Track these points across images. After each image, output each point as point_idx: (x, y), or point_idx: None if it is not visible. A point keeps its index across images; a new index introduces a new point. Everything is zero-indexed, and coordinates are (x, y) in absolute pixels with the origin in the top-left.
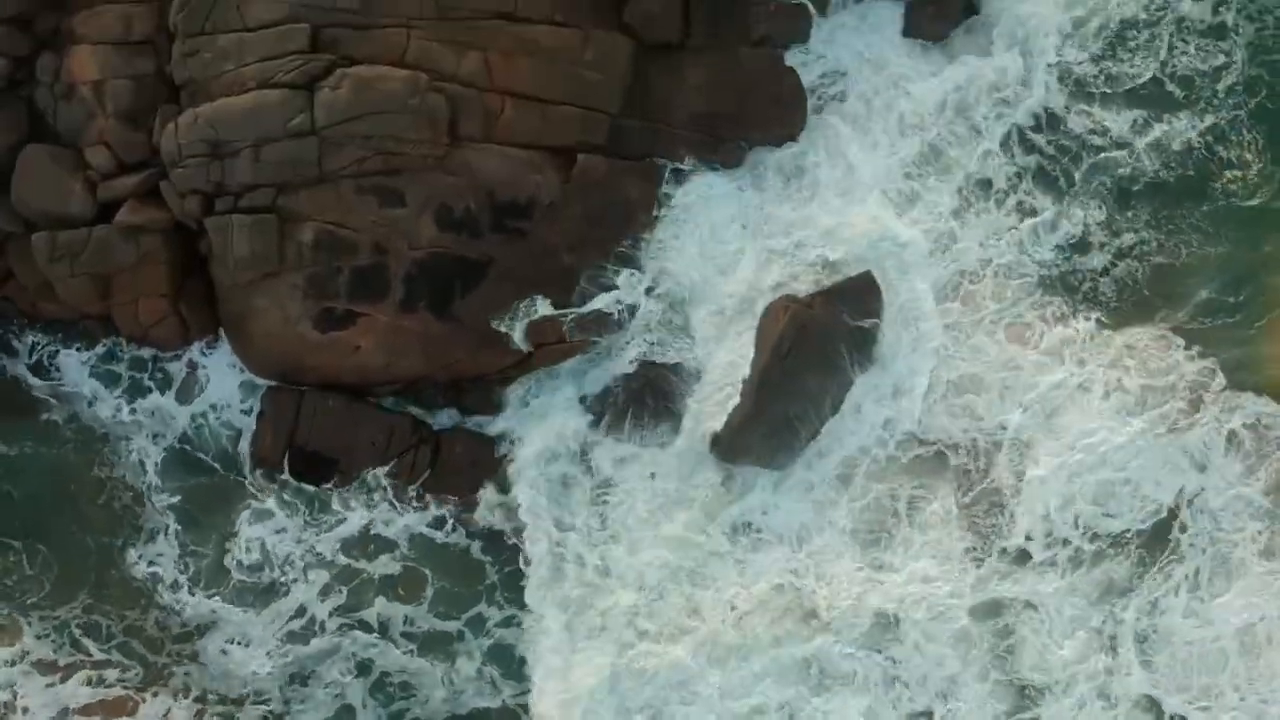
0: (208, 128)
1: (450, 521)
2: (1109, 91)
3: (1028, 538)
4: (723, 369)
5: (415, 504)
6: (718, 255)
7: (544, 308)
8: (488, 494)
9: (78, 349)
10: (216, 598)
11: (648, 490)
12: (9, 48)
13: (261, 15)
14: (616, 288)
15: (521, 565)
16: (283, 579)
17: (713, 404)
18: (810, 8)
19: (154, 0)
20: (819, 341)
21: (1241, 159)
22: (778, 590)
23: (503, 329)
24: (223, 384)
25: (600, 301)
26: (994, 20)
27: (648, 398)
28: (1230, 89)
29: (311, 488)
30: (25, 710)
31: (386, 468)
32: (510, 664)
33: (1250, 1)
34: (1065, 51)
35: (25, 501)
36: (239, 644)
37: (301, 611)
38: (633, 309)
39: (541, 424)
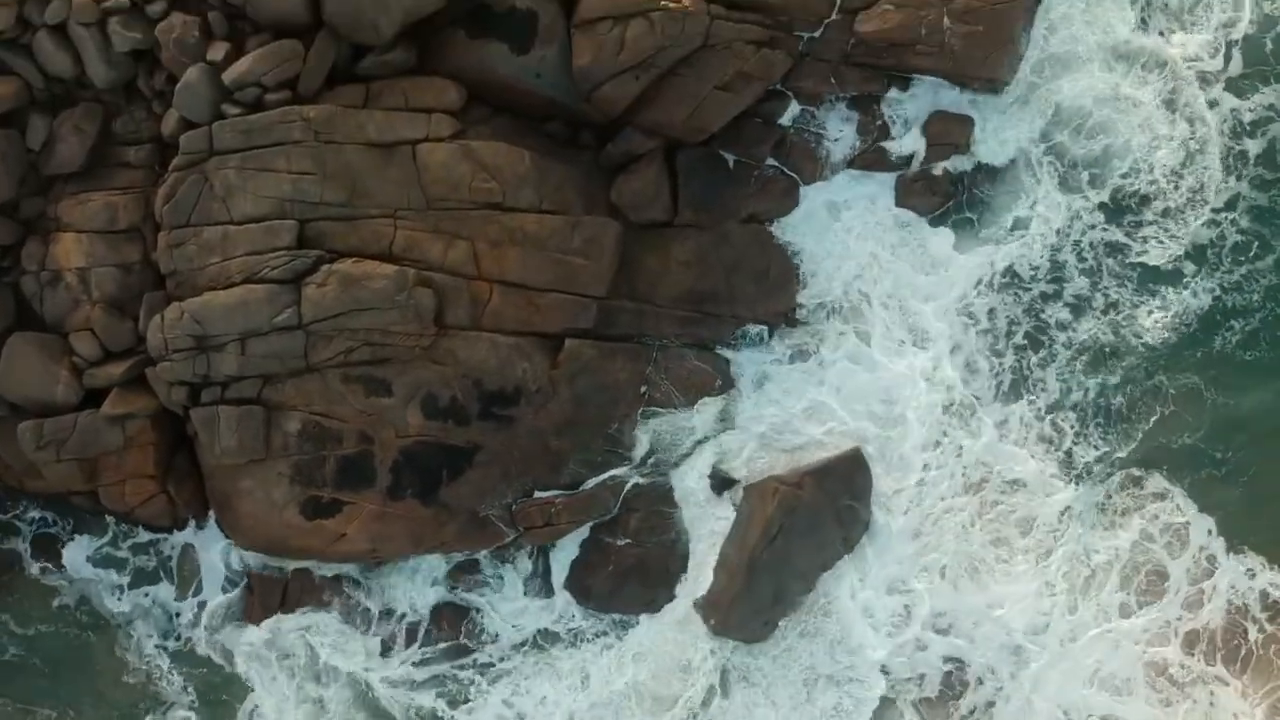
0: (193, 322)
1: None
2: (1108, 261)
3: None
4: (706, 545)
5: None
6: (704, 432)
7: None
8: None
9: (86, 536)
10: None
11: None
12: None
13: (247, 210)
14: (604, 470)
15: None
16: None
17: (698, 580)
18: (798, 180)
19: (139, 188)
20: (808, 523)
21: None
22: None
23: (490, 513)
24: (217, 564)
25: (588, 484)
26: (986, 195)
27: (634, 574)
28: (1224, 253)
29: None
30: None
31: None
32: None
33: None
34: (1055, 222)
35: (54, 674)
36: None
37: None
38: (619, 487)
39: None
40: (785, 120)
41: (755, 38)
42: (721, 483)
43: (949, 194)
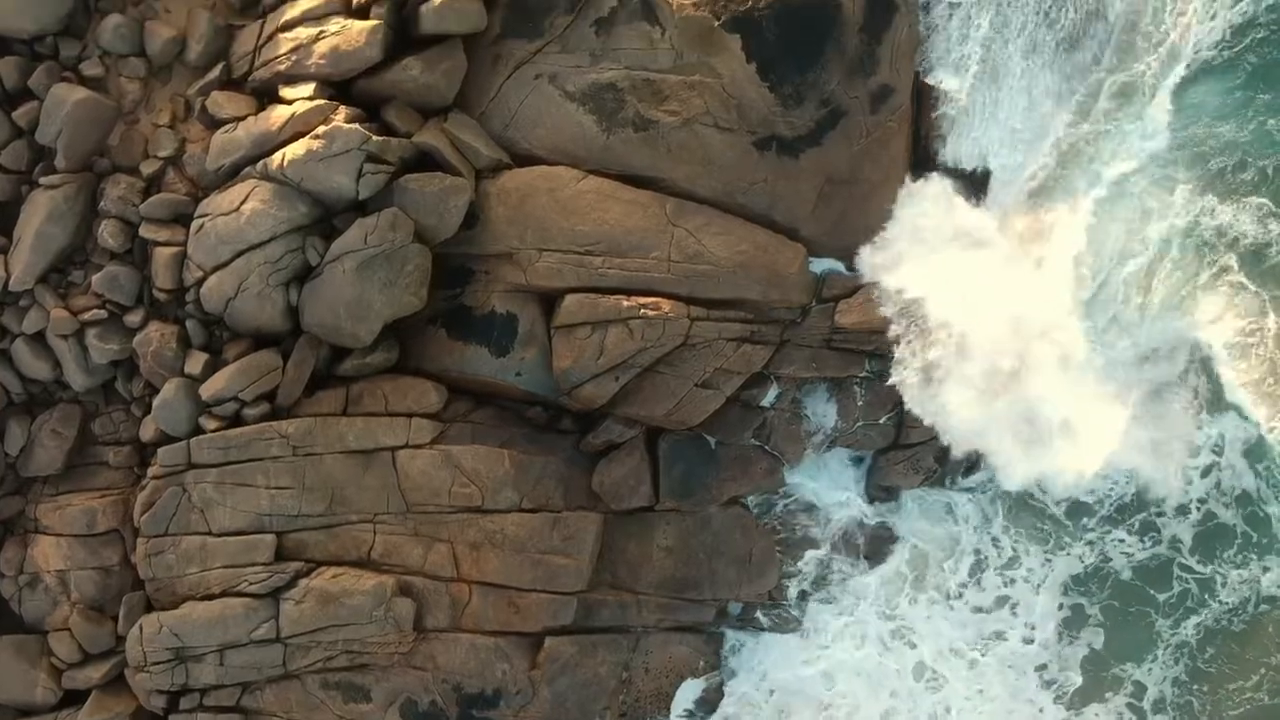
0: (171, 635)
1: None
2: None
3: None
4: None
5: None
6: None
7: None
8: None
9: None
10: None
11: None
12: None
13: (225, 523)
14: None
15: None
16: None
17: None
18: (781, 460)
19: (119, 490)
20: None
21: None
22: None
23: None
24: None
25: None
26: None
27: None
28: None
29: None
30: None
31: None
32: None
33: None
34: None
35: None
36: None
37: None
38: None
39: None
40: (766, 402)
41: (736, 335)
42: None
43: (932, 470)
